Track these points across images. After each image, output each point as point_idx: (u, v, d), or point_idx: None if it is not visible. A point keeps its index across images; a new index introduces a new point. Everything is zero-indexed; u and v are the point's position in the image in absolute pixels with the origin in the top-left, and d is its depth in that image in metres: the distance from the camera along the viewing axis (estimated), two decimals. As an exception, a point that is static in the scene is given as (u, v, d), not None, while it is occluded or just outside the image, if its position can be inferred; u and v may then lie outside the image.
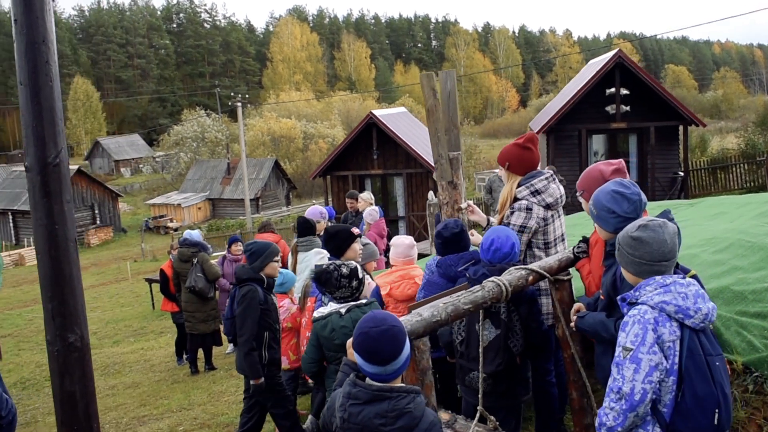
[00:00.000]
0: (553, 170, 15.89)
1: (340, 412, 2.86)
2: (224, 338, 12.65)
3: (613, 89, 22.85)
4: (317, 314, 4.65)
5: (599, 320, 3.62)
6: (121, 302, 26.90)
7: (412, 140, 25.07)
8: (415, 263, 5.92)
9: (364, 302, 4.62)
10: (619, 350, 2.99)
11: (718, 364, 3.00)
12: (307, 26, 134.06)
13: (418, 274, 5.65)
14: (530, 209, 4.74)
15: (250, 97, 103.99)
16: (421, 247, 13.21)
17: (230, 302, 6.26)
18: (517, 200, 4.87)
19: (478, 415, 3.91)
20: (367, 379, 2.86)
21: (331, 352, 4.61)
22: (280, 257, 6.42)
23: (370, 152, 25.81)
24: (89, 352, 3.42)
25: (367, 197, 11.44)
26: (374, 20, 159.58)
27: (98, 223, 55.76)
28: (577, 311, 3.87)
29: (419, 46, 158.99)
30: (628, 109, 22.95)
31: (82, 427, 3.32)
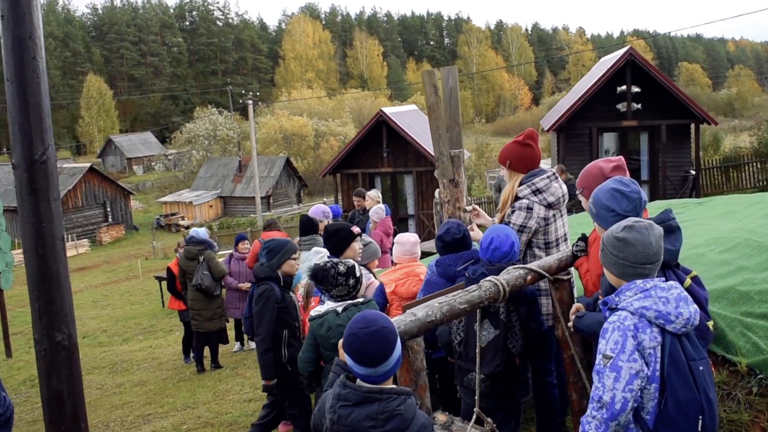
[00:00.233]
0: (562, 169, 15.81)
1: (329, 413, 2.82)
2: (231, 336, 12.70)
3: (624, 87, 22.69)
4: (314, 313, 4.62)
5: (598, 321, 3.54)
6: (131, 300, 27.00)
7: (422, 138, 24.96)
8: (418, 261, 5.88)
9: (361, 301, 4.58)
10: (599, 358, 2.93)
11: (701, 368, 2.94)
12: (319, 24, 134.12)
13: (422, 271, 5.60)
14: (531, 208, 4.68)
15: (262, 94, 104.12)
16: (430, 245, 13.16)
17: (249, 301, 6.25)
18: (518, 199, 4.81)
19: (474, 416, 3.86)
20: (357, 380, 2.82)
21: (327, 351, 4.56)
22: (299, 254, 6.37)
23: (380, 150, 25.76)
24: (77, 351, 3.39)
25: (374, 195, 11.40)
26: (387, 18, 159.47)
27: (110, 220, 55.95)
28: (575, 312, 3.81)
29: (432, 43, 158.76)
30: (639, 107, 22.79)
31: (69, 427, 3.29)
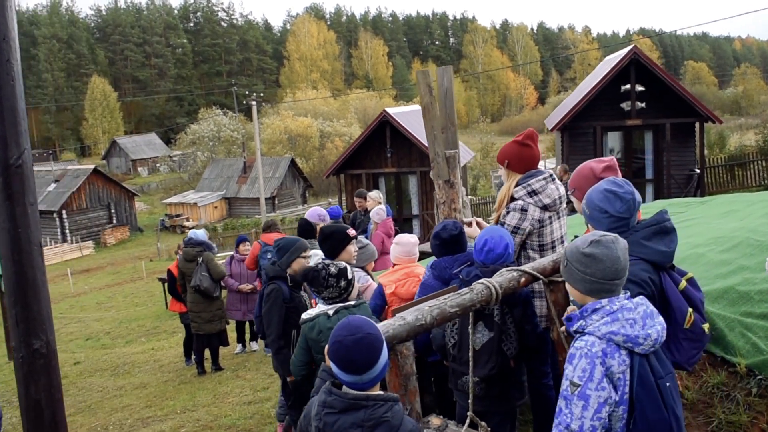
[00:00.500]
0: (565, 168, 15.73)
1: (315, 421, 2.77)
2: (233, 338, 12.67)
3: (628, 86, 22.60)
4: (305, 316, 4.56)
5: None
6: (135, 302, 27.01)
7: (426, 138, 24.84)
8: (416, 261, 5.82)
9: (352, 304, 4.52)
10: (566, 384, 2.82)
11: (668, 384, 2.86)
12: (324, 24, 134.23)
13: (422, 272, 5.54)
14: (525, 210, 4.60)
15: (267, 95, 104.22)
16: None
17: (259, 300, 6.25)
18: (514, 200, 4.74)
19: (468, 420, 3.81)
20: (343, 387, 2.77)
21: (319, 354, 4.50)
22: (309, 253, 6.33)
23: (383, 150, 25.68)
24: (56, 359, 3.34)
25: (375, 196, 11.32)
26: (392, 18, 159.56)
27: (114, 222, 56.09)
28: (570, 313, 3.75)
29: (437, 43, 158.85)
30: (643, 105, 22.69)
31: (48, 435, 3.24)
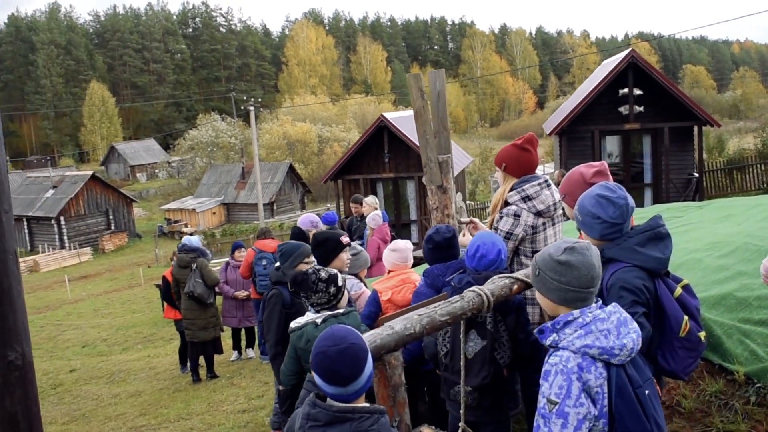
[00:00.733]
0: (563, 173, 15.64)
1: None
2: (228, 345, 12.59)
3: (626, 90, 22.54)
4: (294, 324, 4.48)
5: None
6: (132, 308, 26.95)
7: (423, 143, 24.73)
8: (410, 267, 5.75)
9: (341, 312, 4.43)
10: (543, 401, 2.74)
11: (647, 392, 2.78)
12: (322, 29, 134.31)
13: (417, 278, 5.48)
14: (518, 216, 4.52)
15: (266, 101, 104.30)
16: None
17: (261, 305, 6.18)
18: (508, 204, 4.66)
19: (460, 430, 3.73)
20: (328, 399, 2.68)
21: (308, 364, 4.40)
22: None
23: (381, 155, 25.61)
24: (32, 371, 3.25)
25: (371, 201, 11.26)
26: (390, 23, 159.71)
27: (113, 228, 56.00)
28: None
29: (435, 48, 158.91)
30: (641, 109, 22.62)
31: (26, 449, 3.14)
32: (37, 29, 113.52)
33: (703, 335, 3.32)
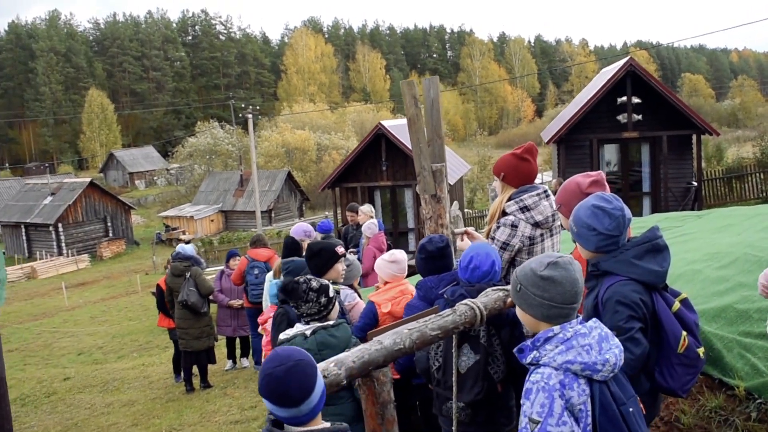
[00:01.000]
0: (560, 182, 15.56)
1: None
2: (223, 354, 12.48)
3: (624, 98, 22.49)
4: (282, 336, 4.37)
5: None
6: (129, 316, 26.87)
7: (421, 151, 24.67)
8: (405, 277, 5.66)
9: (331, 324, 4.32)
10: (525, 421, 2.63)
11: (631, 410, 2.68)
12: (321, 37, 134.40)
13: (413, 289, 5.38)
14: (516, 226, 4.43)
15: (265, 108, 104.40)
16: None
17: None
18: (506, 214, 4.57)
19: (452, 448, 3.62)
20: (284, 425, 2.55)
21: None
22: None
23: (379, 163, 25.56)
24: (4, 386, 3.15)
25: (367, 210, 11.18)
26: (389, 31, 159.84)
27: (111, 235, 55.90)
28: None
29: (434, 56, 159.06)
30: (640, 118, 22.57)
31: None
32: (37, 36, 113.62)
33: (701, 351, 3.23)
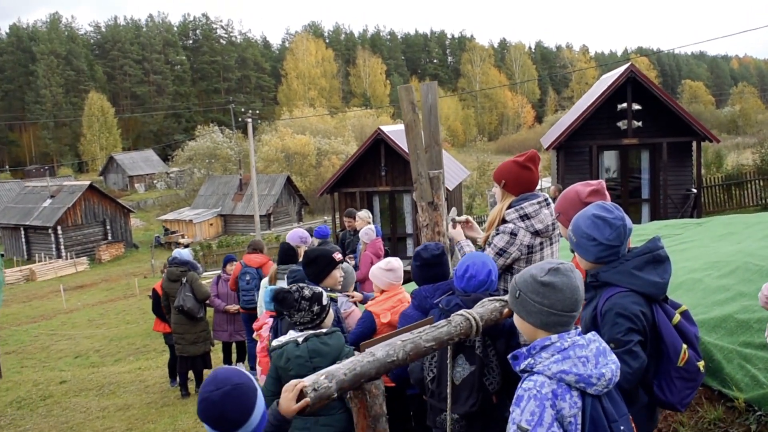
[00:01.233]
0: (559, 188, 15.53)
1: None
2: (219, 359, 12.41)
3: (624, 104, 22.44)
4: (275, 343, 4.31)
5: None
6: (127, 319, 26.80)
7: (420, 156, 24.62)
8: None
9: (324, 331, 4.27)
10: (513, 428, 2.56)
11: (622, 428, 2.62)
12: (322, 42, 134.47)
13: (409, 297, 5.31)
14: (515, 234, 4.36)
15: (265, 113, 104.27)
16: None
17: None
18: (505, 222, 4.50)
19: (446, 461, 3.55)
20: None
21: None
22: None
23: (378, 169, 25.49)
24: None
25: (364, 216, 11.12)
26: (390, 36, 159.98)
27: (110, 238, 55.90)
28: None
29: (435, 62, 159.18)
30: (640, 124, 22.52)
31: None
32: (38, 39, 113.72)
33: (701, 365, 3.16)
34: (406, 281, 5.84)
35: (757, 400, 4.44)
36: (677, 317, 3.19)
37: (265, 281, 7.99)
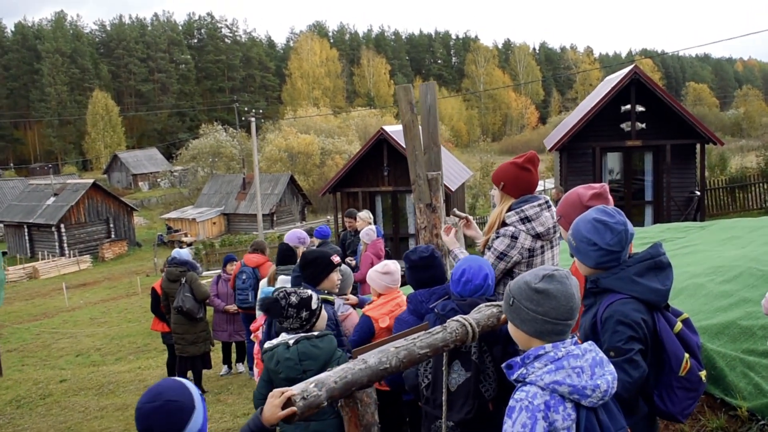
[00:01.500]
0: (561, 190, 15.46)
1: None
2: (219, 359, 12.35)
3: (628, 106, 22.34)
4: (267, 345, 4.25)
5: None
6: (128, 317, 26.77)
7: (423, 157, 24.59)
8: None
9: (315, 334, 4.20)
10: None
11: None
12: (327, 42, 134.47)
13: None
14: (516, 237, 4.27)
15: (269, 112, 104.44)
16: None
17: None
18: (505, 225, 4.41)
19: (441, 470, 3.47)
20: None
21: (279, 387, 4.17)
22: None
23: (380, 168, 25.43)
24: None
25: (365, 216, 11.07)
26: (394, 36, 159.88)
27: (113, 236, 55.92)
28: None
29: (439, 62, 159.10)
30: (643, 126, 22.43)
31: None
32: (43, 38, 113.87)
33: (703, 374, 3.07)
34: (405, 284, 5.76)
35: (760, 409, 4.35)
36: (679, 325, 3.10)
37: (263, 282, 7.93)
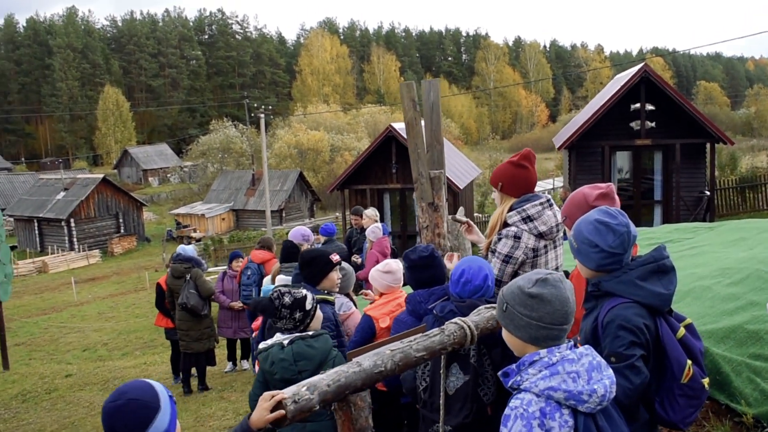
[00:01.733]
0: (567, 189, 15.36)
1: None
2: (223, 355, 12.32)
3: (638, 105, 22.19)
4: (262, 345, 4.20)
5: None
6: (136, 312, 26.82)
7: (432, 154, 24.50)
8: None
9: (310, 334, 4.15)
10: None
11: None
12: (337, 39, 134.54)
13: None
14: (519, 238, 4.17)
15: (279, 108, 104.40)
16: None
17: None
18: (507, 226, 4.32)
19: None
20: None
21: (276, 388, 4.12)
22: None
23: (389, 166, 25.36)
24: None
25: (371, 214, 11.01)
26: (405, 33, 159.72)
27: (122, 231, 56.09)
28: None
29: (449, 59, 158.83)
30: (653, 125, 22.29)
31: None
32: (54, 33, 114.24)
33: (706, 382, 2.99)
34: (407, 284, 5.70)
35: (766, 415, 4.26)
36: (682, 331, 3.02)
37: (267, 279, 7.89)
